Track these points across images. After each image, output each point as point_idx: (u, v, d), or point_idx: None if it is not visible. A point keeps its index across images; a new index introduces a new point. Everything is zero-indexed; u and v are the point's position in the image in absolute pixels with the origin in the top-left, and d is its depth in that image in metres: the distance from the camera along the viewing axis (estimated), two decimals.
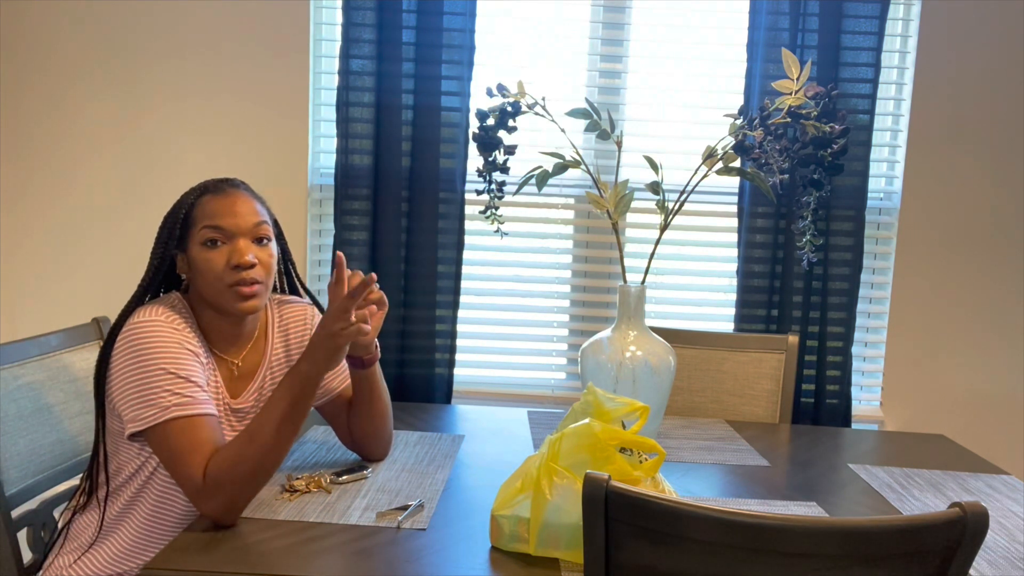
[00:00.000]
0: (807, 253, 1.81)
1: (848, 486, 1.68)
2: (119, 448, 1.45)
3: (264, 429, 1.32)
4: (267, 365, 1.57)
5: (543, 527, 1.23)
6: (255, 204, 1.47)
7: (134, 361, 1.36)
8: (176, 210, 1.47)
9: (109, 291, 2.51)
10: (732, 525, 0.97)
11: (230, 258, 1.42)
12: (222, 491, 1.30)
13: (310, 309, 1.66)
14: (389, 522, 1.36)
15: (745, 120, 1.73)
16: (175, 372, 1.35)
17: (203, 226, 1.43)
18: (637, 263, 2.53)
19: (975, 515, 0.99)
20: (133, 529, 1.45)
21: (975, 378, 2.57)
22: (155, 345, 1.36)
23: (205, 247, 1.43)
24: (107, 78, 2.47)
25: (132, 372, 1.36)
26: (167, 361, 1.36)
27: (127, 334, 1.38)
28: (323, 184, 2.54)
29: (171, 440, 1.32)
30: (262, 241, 1.46)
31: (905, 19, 2.51)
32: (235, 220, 1.43)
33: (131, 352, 1.37)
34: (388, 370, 2.44)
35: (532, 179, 1.80)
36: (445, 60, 2.38)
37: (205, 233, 1.43)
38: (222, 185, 1.48)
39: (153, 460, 1.44)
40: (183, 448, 1.32)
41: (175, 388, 1.34)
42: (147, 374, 1.35)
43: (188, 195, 1.48)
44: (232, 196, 1.46)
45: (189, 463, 1.31)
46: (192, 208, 1.45)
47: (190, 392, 1.35)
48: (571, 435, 1.27)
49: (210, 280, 1.43)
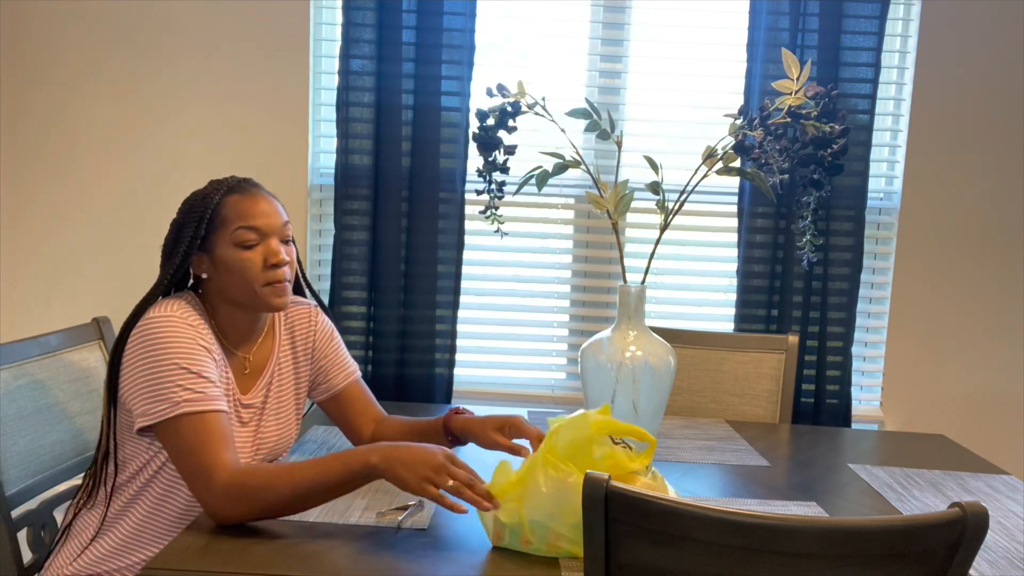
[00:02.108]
0: (807, 253, 1.81)
1: (848, 486, 1.68)
2: (125, 442, 1.45)
3: (305, 479, 1.30)
4: (275, 361, 1.58)
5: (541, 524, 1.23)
6: (278, 204, 1.50)
7: (147, 356, 1.36)
8: (198, 209, 1.45)
9: (109, 291, 2.51)
10: (732, 525, 0.96)
11: (266, 257, 1.45)
12: (236, 503, 1.29)
13: (313, 309, 1.67)
14: (389, 522, 1.36)
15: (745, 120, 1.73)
16: (188, 368, 1.36)
17: (238, 227, 1.44)
18: (637, 263, 2.53)
19: (975, 515, 0.99)
20: (131, 525, 1.45)
21: (975, 378, 2.57)
22: (169, 341, 1.36)
23: (239, 248, 1.44)
24: (107, 79, 2.47)
25: (145, 367, 1.36)
26: (180, 357, 1.36)
27: (141, 330, 1.38)
28: (323, 184, 2.54)
29: (181, 436, 1.33)
30: (287, 241, 1.50)
31: (905, 19, 2.51)
32: (268, 220, 1.46)
33: (145, 347, 1.37)
34: (388, 370, 2.44)
35: (532, 179, 1.80)
36: (445, 60, 2.38)
37: (241, 234, 1.44)
38: (245, 185, 1.49)
39: (159, 457, 1.44)
40: (193, 444, 1.32)
41: (187, 384, 1.35)
42: (160, 369, 1.35)
43: (210, 195, 1.46)
44: (258, 196, 1.47)
45: (199, 459, 1.31)
46: (219, 208, 1.45)
47: (202, 388, 1.36)
48: (567, 427, 1.28)
49: (246, 279, 1.44)
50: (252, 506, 1.30)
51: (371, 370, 2.45)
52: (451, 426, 1.59)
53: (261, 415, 1.56)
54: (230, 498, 1.29)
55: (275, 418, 1.58)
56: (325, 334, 1.67)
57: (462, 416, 1.60)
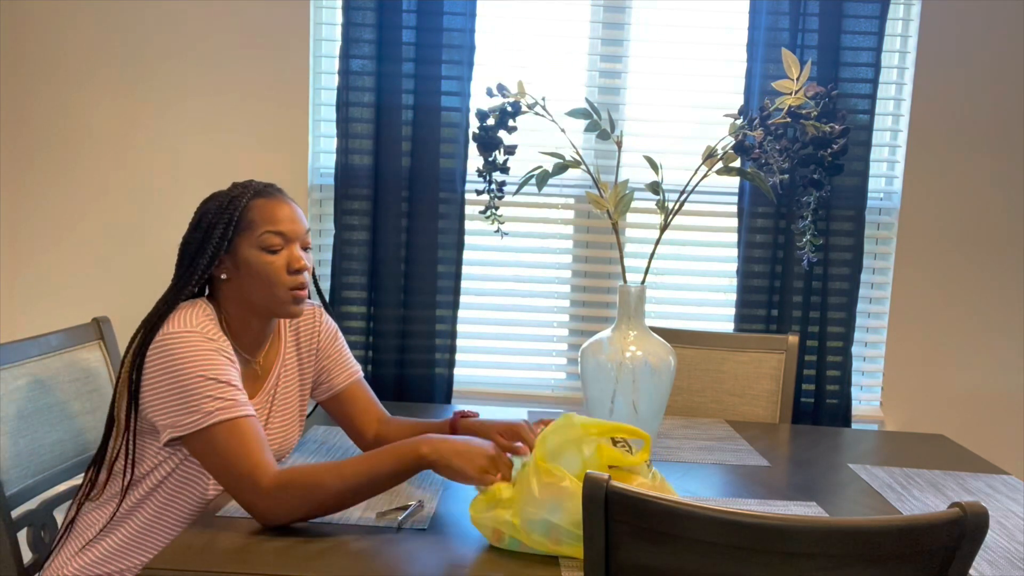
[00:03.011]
0: (807, 253, 1.81)
1: (848, 486, 1.68)
2: (138, 447, 1.45)
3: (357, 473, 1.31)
4: (281, 363, 1.59)
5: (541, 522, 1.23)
6: (300, 211, 1.51)
7: (171, 371, 1.35)
8: (226, 212, 1.45)
9: (110, 291, 2.51)
10: (732, 525, 0.96)
11: (289, 263, 1.46)
12: (287, 502, 1.29)
13: (317, 309, 1.68)
14: (389, 522, 1.36)
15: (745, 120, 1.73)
16: (216, 378, 1.35)
17: (265, 231, 1.45)
18: (637, 263, 2.53)
19: (975, 515, 0.99)
20: (135, 527, 1.45)
21: (975, 378, 2.57)
22: (191, 355, 1.36)
23: (264, 251, 1.45)
24: (107, 79, 2.47)
25: (169, 382, 1.35)
26: (205, 368, 1.35)
27: (161, 345, 1.37)
28: (323, 184, 2.54)
29: (218, 444, 1.32)
30: (307, 248, 1.51)
31: (905, 19, 2.51)
32: (293, 226, 1.47)
33: (167, 363, 1.36)
34: (388, 370, 2.44)
35: (532, 179, 1.80)
36: (445, 60, 2.38)
37: (267, 238, 1.45)
38: (271, 190, 1.50)
39: (168, 463, 1.44)
40: (231, 451, 1.32)
41: (216, 392, 1.34)
42: (186, 382, 1.34)
43: (237, 197, 1.47)
44: (283, 201, 1.49)
45: (240, 465, 1.31)
46: (246, 211, 1.46)
47: (232, 395, 1.36)
48: (554, 431, 1.29)
49: (268, 283, 1.45)
50: (303, 503, 1.30)
51: (371, 370, 2.45)
52: (458, 428, 1.60)
53: (267, 418, 1.56)
54: (280, 499, 1.29)
55: (280, 420, 1.59)
56: (329, 334, 1.67)
57: (469, 419, 1.61)
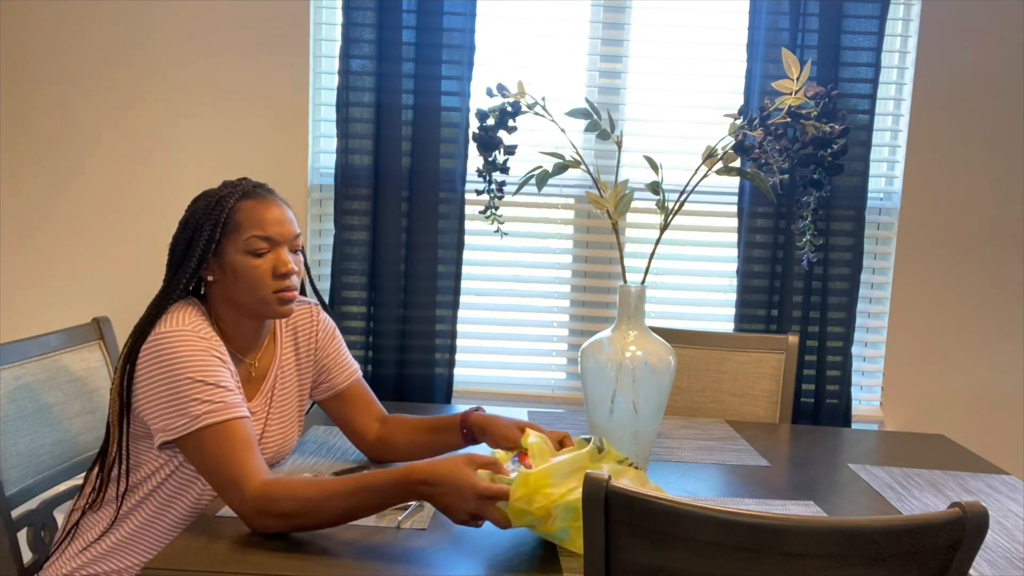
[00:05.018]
0: (807, 253, 1.81)
1: (848, 486, 1.68)
2: (136, 450, 1.45)
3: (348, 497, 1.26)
4: (278, 365, 1.58)
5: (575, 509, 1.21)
6: (290, 213, 1.50)
7: (162, 373, 1.35)
8: (213, 213, 1.44)
9: (109, 291, 2.51)
10: (732, 525, 0.96)
11: (275, 267, 1.45)
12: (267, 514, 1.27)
13: (315, 308, 1.67)
14: (389, 522, 1.36)
15: (745, 120, 1.73)
16: (204, 380, 1.35)
17: (252, 235, 1.43)
18: (637, 263, 2.53)
19: (975, 515, 0.99)
20: (133, 527, 1.45)
21: (975, 378, 2.57)
22: (182, 355, 1.35)
23: (250, 255, 1.44)
24: (106, 78, 2.47)
25: (160, 383, 1.35)
26: (195, 370, 1.35)
27: (153, 345, 1.37)
28: (323, 184, 2.54)
29: (205, 448, 1.32)
30: (296, 251, 1.50)
31: (905, 19, 2.51)
32: (281, 230, 1.46)
33: (158, 364, 1.36)
34: (388, 370, 2.44)
35: (532, 179, 1.80)
36: (445, 60, 2.38)
37: (254, 242, 1.44)
38: (260, 191, 1.48)
39: (168, 466, 1.44)
40: (218, 455, 1.31)
41: (204, 395, 1.34)
42: (176, 385, 1.34)
43: (225, 198, 1.45)
44: (272, 203, 1.47)
45: (227, 470, 1.30)
46: (233, 213, 1.44)
47: (220, 397, 1.35)
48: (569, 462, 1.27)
49: (254, 286, 1.44)
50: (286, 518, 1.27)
51: (371, 370, 2.45)
52: (470, 422, 1.58)
53: (265, 420, 1.56)
54: (262, 509, 1.27)
55: (279, 422, 1.58)
56: (327, 332, 1.67)
57: (481, 414, 1.59)
